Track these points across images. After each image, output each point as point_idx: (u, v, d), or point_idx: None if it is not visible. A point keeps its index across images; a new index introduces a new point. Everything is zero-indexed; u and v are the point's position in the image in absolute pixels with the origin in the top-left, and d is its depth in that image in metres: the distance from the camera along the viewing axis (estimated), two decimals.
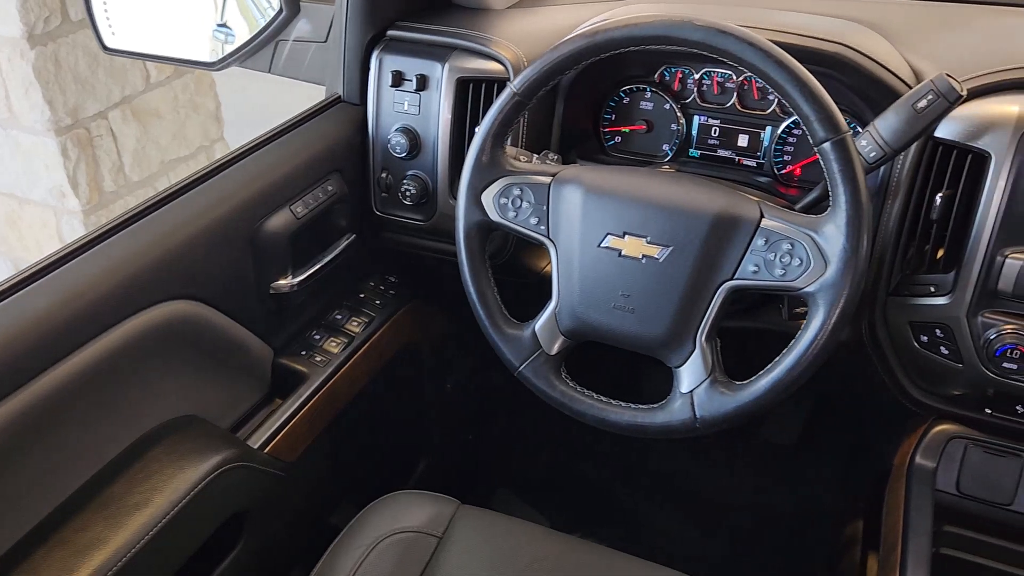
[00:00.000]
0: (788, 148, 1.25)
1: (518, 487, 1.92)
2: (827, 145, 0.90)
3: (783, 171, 1.27)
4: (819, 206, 1.10)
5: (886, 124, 0.97)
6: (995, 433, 1.16)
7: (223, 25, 1.38)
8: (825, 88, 0.89)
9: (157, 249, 1.04)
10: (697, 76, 1.28)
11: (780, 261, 0.93)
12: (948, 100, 0.94)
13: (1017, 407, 1.12)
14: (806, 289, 0.92)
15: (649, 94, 1.32)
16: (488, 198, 1.06)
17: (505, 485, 1.92)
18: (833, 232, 0.91)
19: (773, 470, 1.88)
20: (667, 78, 1.30)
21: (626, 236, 0.99)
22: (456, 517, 1.18)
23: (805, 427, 1.87)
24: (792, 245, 0.93)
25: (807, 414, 1.88)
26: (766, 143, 1.27)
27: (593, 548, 1.21)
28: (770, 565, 1.74)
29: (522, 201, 1.05)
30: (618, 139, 1.36)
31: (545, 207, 1.04)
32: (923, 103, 0.95)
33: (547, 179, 1.04)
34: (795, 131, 1.24)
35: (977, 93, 1.03)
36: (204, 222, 1.10)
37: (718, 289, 0.97)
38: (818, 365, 0.92)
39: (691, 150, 1.33)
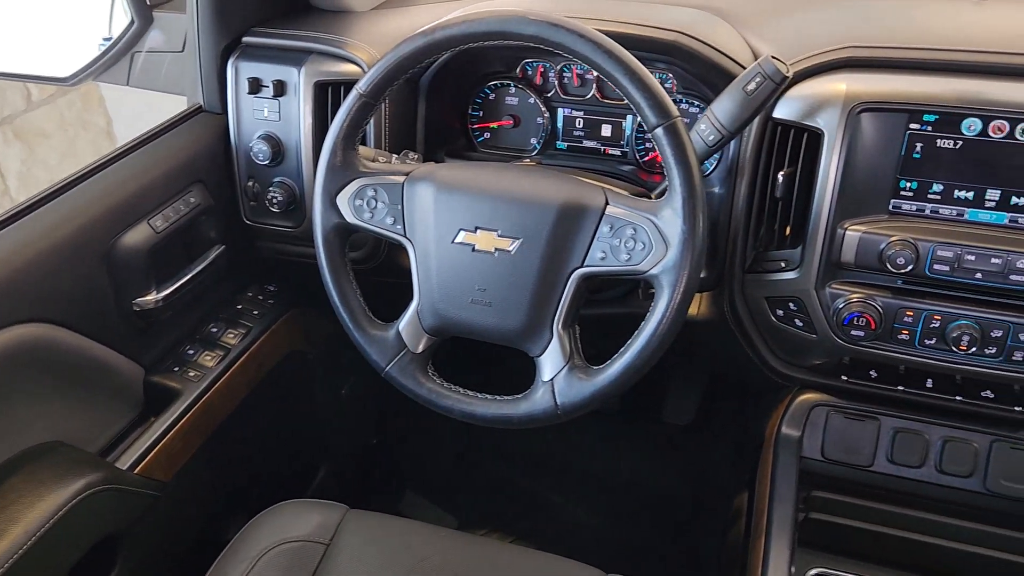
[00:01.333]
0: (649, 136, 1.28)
1: (425, 488, 1.92)
2: (659, 130, 0.92)
3: (645, 158, 1.30)
4: None
5: (721, 107, 1.01)
6: (854, 399, 1.21)
7: (77, 39, 1.35)
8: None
9: (2, 270, 1.01)
10: (557, 69, 1.30)
11: (625, 246, 0.96)
12: (775, 81, 0.97)
13: (871, 372, 1.17)
14: (650, 272, 0.95)
15: (513, 89, 1.34)
16: (343, 200, 1.06)
17: (411, 487, 1.92)
18: (671, 215, 0.93)
19: (673, 451, 1.93)
20: (529, 72, 1.32)
21: (478, 231, 1.00)
22: (344, 523, 1.17)
23: (700, 408, 1.92)
24: (635, 230, 0.95)
25: (701, 395, 1.93)
26: (628, 132, 1.30)
27: (482, 542, 1.22)
28: (671, 543, 1.78)
29: (377, 202, 1.05)
30: (487, 135, 1.38)
31: (400, 206, 1.04)
32: (752, 85, 0.98)
33: (401, 178, 1.05)
34: None
35: (809, 73, 1.07)
36: (53, 240, 1.07)
37: (569, 277, 0.98)
38: (667, 344, 0.95)
39: (558, 142, 1.35)
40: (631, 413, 1.96)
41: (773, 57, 0.98)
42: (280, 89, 1.26)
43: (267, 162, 1.28)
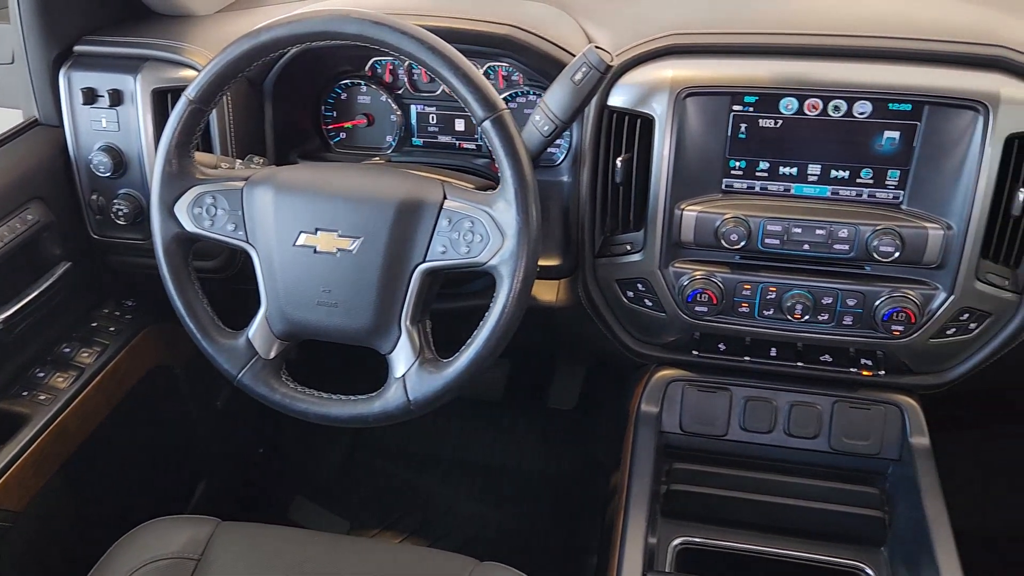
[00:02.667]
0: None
1: (315, 493, 1.90)
2: (487, 124, 0.94)
3: None
4: None
5: (553, 98, 1.03)
6: (707, 372, 1.26)
7: None
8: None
9: None
10: (406, 66, 1.31)
11: (464, 239, 0.97)
12: (599, 71, 1.00)
13: (719, 345, 1.22)
14: (490, 263, 0.96)
15: (364, 88, 1.34)
16: (182, 209, 1.04)
17: (302, 493, 1.90)
18: (505, 207, 0.95)
19: (559, 435, 1.96)
20: (378, 70, 1.32)
21: (318, 232, 1.00)
22: (215, 537, 1.15)
23: (583, 391, 1.96)
24: (472, 223, 0.97)
25: (584, 379, 1.97)
26: None
27: (356, 543, 1.22)
28: (558, 526, 1.81)
29: (216, 209, 1.03)
30: (342, 135, 1.37)
31: (240, 212, 1.03)
32: (579, 75, 1.01)
33: (240, 184, 1.03)
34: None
35: (638, 61, 1.11)
36: None
37: (413, 273, 0.99)
38: (512, 332, 0.96)
39: (414, 139, 1.35)
40: (516, 401, 1.98)
41: (596, 47, 1.00)
42: (117, 98, 1.22)
43: (109, 174, 1.25)
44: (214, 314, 1.07)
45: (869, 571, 1.17)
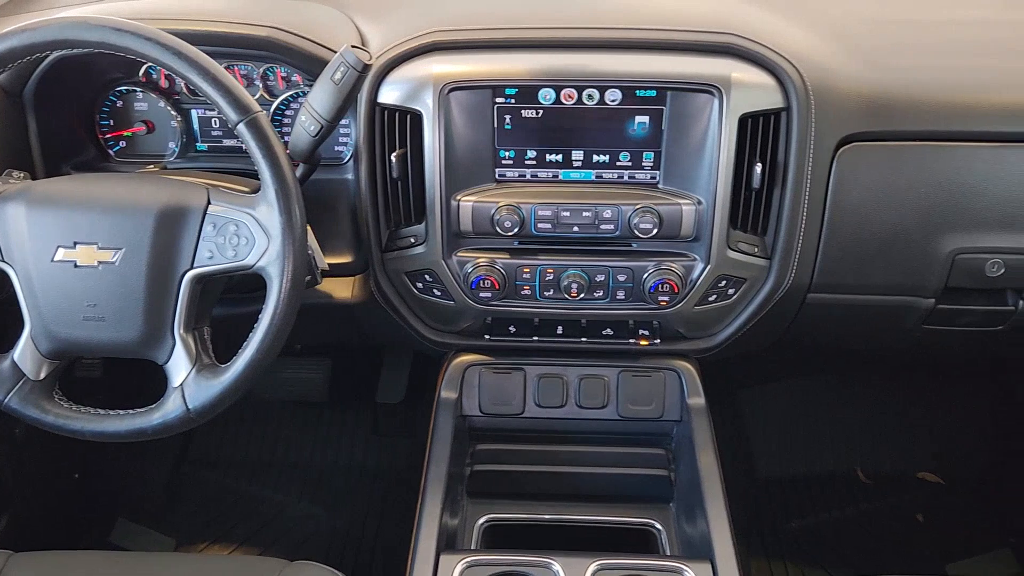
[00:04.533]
0: (288, 126, 1.28)
1: (140, 514, 1.84)
2: (241, 127, 0.94)
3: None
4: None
5: (315, 98, 1.04)
6: (502, 355, 1.31)
7: None
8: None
9: None
10: None
11: (230, 243, 0.97)
12: (357, 70, 1.02)
13: (510, 328, 1.27)
14: (258, 265, 0.97)
15: (141, 94, 1.30)
16: None
17: (125, 515, 1.83)
18: (267, 208, 0.96)
19: (390, 428, 1.98)
20: (154, 76, 1.29)
21: (77, 246, 0.97)
22: (6, 570, 1.10)
23: (410, 384, 1.99)
24: (238, 226, 0.97)
25: (409, 371, 1.99)
26: None
27: (164, 558, 1.20)
28: (388, 518, 1.83)
29: None
30: (122, 143, 1.33)
31: None
32: (338, 75, 1.02)
33: None
34: (287, 110, 1.28)
35: (403, 58, 1.14)
36: None
37: (181, 280, 0.98)
38: (286, 331, 0.97)
39: (198, 144, 1.33)
40: (343, 399, 1.99)
41: (353, 46, 1.02)
42: None
43: None
44: None
45: (659, 526, 1.26)
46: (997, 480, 1.91)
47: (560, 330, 1.27)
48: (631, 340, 1.26)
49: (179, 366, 1.00)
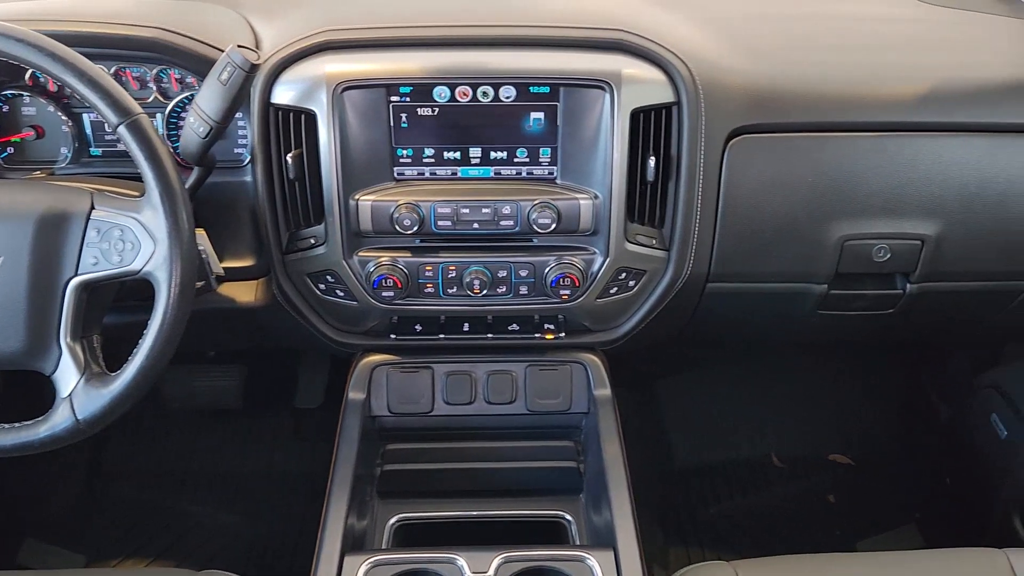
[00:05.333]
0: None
1: (49, 532, 1.78)
2: (121, 129, 0.92)
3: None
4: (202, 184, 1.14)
5: (203, 98, 1.03)
6: (410, 353, 1.31)
7: None
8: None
9: None
10: None
11: (115, 248, 0.95)
12: (244, 70, 1.01)
13: (416, 326, 1.27)
14: (145, 270, 0.95)
15: (28, 98, 1.26)
16: None
17: (33, 534, 1.77)
18: (152, 212, 0.94)
19: (310, 433, 1.96)
20: (40, 80, 1.25)
21: None
22: None
23: (329, 386, 1.97)
24: (122, 231, 0.95)
25: (328, 375, 1.98)
26: (160, 130, 1.28)
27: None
28: (309, 524, 1.81)
29: None
30: (10, 150, 1.28)
31: None
32: (225, 75, 1.01)
33: None
34: (183, 113, 1.25)
35: (295, 57, 1.13)
36: None
37: (66, 288, 0.96)
38: (177, 337, 0.96)
39: (91, 149, 1.29)
40: (260, 406, 1.96)
41: (240, 46, 1.01)
42: None
43: None
44: None
45: (569, 518, 1.27)
46: (903, 459, 1.99)
47: (466, 327, 1.27)
48: (537, 335, 1.27)
49: (67, 376, 0.97)
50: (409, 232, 1.15)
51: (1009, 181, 1.18)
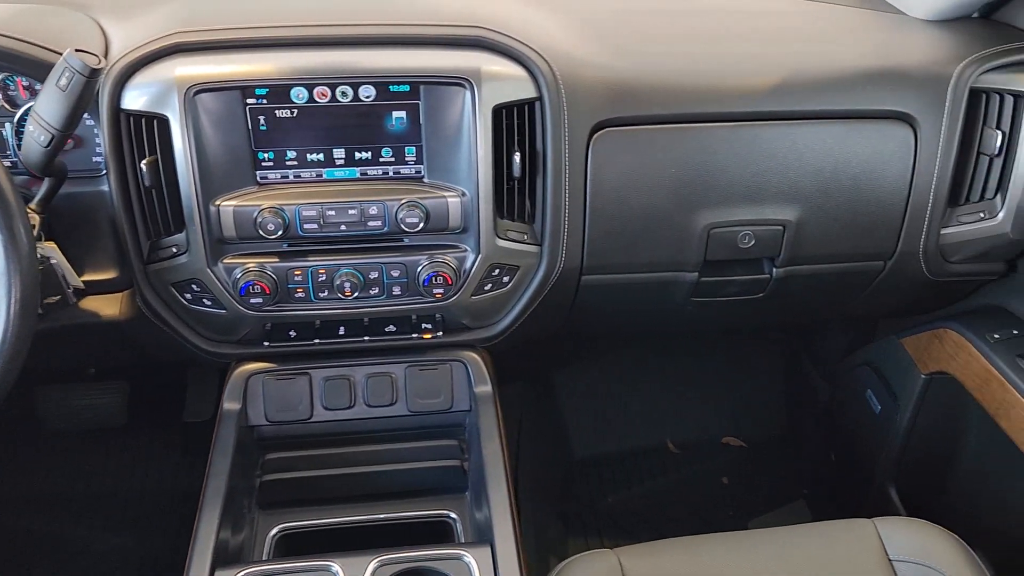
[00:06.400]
0: None
1: None
2: None
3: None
4: (56, 195, 1.10)
5: (42, 106, 0.98)
6: (287, 360, 1.28)
7: None
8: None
9: None
10: None
11: None
12: (84, 75, 0.97)
13: (291, 332, 1.25)
14: None
15: None
16: None
17: None
18: None
19: (200, 448, 1.89)
20: None
21: None
22: None
23: (217, 400, 1.92)
24: None
25: (217, 389, 1.92)
26: (9, 139, 1.22)
27: None
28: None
29: None
30: None
31: None
32: (64, 81, 0.97)
33: None
34: None
35: (145, 61, 1.09)
36: None
37: None
38: (19, 357, 0.90)
39: None
40: (147, 422, 1.90)
41: (78, 50, 0.97)
42: None
43: None
44: None
45: (454, 516, 1.27)
46: (792, 438, 2.06)
47: (342, 331, 1.26)
48: (415, 335, 1.27)
49: None
50: (274, 237, 1.13)
51: (861, 166, 1.23)
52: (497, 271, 1.22)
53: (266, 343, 1.24)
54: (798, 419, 2.04)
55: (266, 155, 1.14)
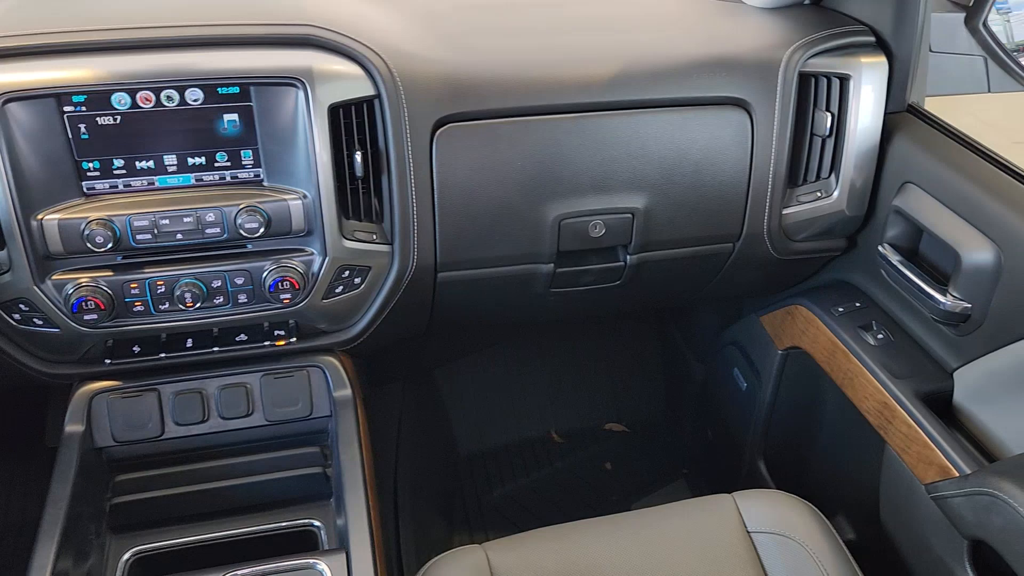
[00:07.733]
0: None
1: None
2: None
3: None
4: None
5: None
6: (134, 377, 1.23)
7: None
8: None
9: None
10: None
11: None
12: None
13: (134, 348, 1.20)
14: None
15: None
16: None
17: None
18: None
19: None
20: None
21: None
22: None
23: None
24: None
25: None
26: None
27: None
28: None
29: None
30: None
31: None
32: None
33: None
34: None
35: None
36: None
37: None
38: None
39: None
40: (3, 450, 1.80)
41: None
42: None
43: None
44: None
45: (318, 524, 1.25)
46: (671, 420, 2.10)
47: (190, 343, 1.21)
48: (267, 342, 1.24)
49: None
50: (104, 250, 1.08)
51: (702, 152, 1.26)
52: (347, 272, 1.20)
53: (108, 361, 1.19)
54: (676, 400, 2.09)
55: (91, 164, 1.09)
